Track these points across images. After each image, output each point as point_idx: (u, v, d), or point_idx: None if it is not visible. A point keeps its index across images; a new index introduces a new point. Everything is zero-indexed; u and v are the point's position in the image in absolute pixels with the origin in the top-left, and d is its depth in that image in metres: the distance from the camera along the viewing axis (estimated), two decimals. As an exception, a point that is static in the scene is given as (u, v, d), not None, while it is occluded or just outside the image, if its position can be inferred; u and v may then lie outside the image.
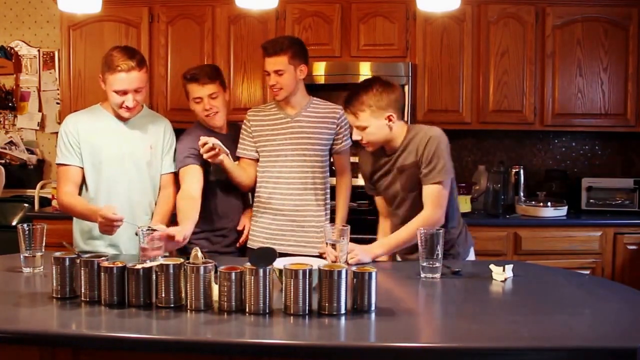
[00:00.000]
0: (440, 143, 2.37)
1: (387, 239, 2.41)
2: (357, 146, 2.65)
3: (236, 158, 2.80)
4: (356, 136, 2.43)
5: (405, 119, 3.21)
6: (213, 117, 2.73)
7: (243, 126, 2.83)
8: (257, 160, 2.78)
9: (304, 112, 2.78)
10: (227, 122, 2.87)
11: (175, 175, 2.70)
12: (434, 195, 2.35)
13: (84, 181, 2.58)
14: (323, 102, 2.85)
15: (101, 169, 2.56)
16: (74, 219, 2.63)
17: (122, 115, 2.57)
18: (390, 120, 2.38)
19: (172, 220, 2.59)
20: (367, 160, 2.60)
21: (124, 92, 2.48)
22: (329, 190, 2.83)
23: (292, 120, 2.76)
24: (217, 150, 2.52)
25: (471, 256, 2.65)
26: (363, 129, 2.39)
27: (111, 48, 2.55)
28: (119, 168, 2.57)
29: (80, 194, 2.58)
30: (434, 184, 2.35)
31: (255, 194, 2.80)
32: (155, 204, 2.67)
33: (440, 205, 2.36)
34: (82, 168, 2.56)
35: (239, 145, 2.81)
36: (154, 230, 2.07)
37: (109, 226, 2.27)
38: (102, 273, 1.78)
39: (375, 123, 2.37)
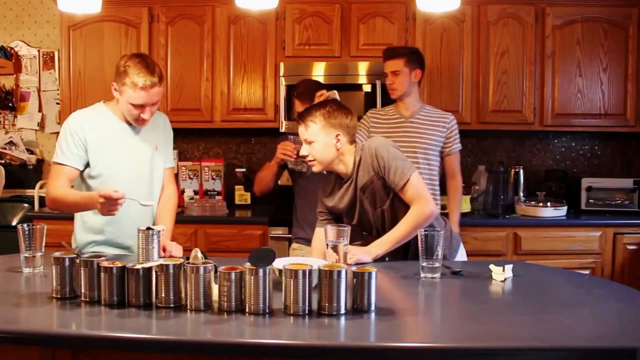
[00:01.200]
0: (388, 148, 2.39)
1: (384, 238, 2.40)
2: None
3: None
4: (304, 151, 2.43)
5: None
6: None
7: (362, 121, 3.15)
8: None
9: (417, 114, 3.18)
10: None
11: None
12: (411, 191, 2.35)
13: (86, 189, 2.52)
14: (434, 108, 3.23)
15: (110, 177, 2.48)
16: (76, 218, 2.58)
17: (135, 125, 2.51)
18: (338, 140, 2.37)
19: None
20: (332, 198, 2.55)
21: (142, 107, 2.41)
22: (437, 189, 3.20)
23: (406, 120, 3.15)
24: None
25: (461, 256, 2.64)
26: (310, 143, 2.39)
27: (128, 57, 2.41)
28: (133, 175, 2.52)
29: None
30: (406, 183, 2.34)
31: None
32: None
33: (424, 196, 2.36)
34: (79, 170, 2.48)
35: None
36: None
37: (112, 206, 2.18)
38: (102, 273, 1.78)
39: (323, 139, 2.37)
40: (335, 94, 2.77)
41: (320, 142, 2.38)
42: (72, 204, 2.41)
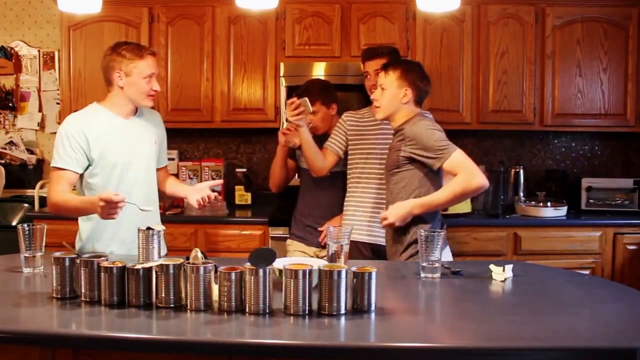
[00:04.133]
0: (426, 130, 2.49)
1: (423, 199, 2.46)
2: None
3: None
4: (375, 95, 2.63)
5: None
6: (311, 128, 3.00)
7: (338, 124, 3.03)
8: (339, 157, 2.98)
9: None
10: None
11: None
12: (454, 164, 2.42)
13: (87, 186, 2.54)
14: None
15: (114, 173, 2.51)
16: (82, 222, 2.59)
17: (145, 105, 2.58)
18: (405, 95, 2.53)
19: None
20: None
21: (151, 76, 2.52)
22: None
23: (382, 122, 2.96)
24: (302, 109, 2.75)
25: (447, 256, 2.64)
26: (383, 89, 2.57)
27: (115, 45, 2.53)
28: (133, 170, 2.55)
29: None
30: (447, 161, 2.42)
31: (347, 188, 3.01)
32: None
33: (467, 167, 2.42)
34: (79, 174, 2.49)
35: (329, 139, 3.01)
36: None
37: (112, 209, 2.21)
38: (102, 273, 1.78)
39: (395, 90, 2.55)
40: (306, 101, 2.77)
41: (391, 91, 2.56)
42: (73, 208, 2.43)
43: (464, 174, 2.39)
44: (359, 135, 2.93)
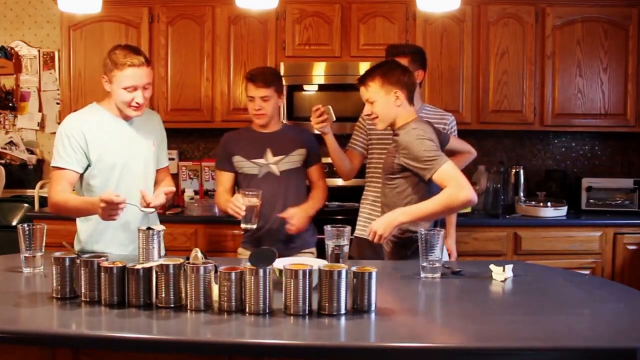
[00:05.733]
0: (416, 140, 2.36)
1: (411, 207, 2.36)
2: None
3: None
4: (366, 110, 2.52)
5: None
6: (260, 117, 2.90)
7: (358, 124, 3.02)
8: (364, 157, 2.98)
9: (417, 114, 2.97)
10: (277, 123, 3.00)
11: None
12: (443, 176, 2.30)
13: (86, 187, 2.54)
14: (434, 108, 3.06)
15: (113, 175, 2.51)
16: (80, 222, 2.58)
17: (129, 114, 2.50)
18: (397, 97, 2.43)
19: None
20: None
21: (134, 89, 2.43)
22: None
23: None
24: (326, 117, 2.68)
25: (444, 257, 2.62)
26: (372, 102, 2.47)
27: (113, 47, 2.50)
28: (132, 172, 2.54)
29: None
30: (437, 173, 2.31)
31: (365, 185, 2.98)
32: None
33: (456, 180, 2.28)
34: (79, 173, 2.49)
35: (351, 140, 3.02)
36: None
37: (113, 210, 2.20)
38: (102, 273, 1.78)
39: (383, 98, 2.44)
40: (330, 109, 2.71)
41: (380, 101, 2.45)
42: (73, 208, 2.42)
43: (452, 187, 2.28)
44: (378, 136, 2.91)
